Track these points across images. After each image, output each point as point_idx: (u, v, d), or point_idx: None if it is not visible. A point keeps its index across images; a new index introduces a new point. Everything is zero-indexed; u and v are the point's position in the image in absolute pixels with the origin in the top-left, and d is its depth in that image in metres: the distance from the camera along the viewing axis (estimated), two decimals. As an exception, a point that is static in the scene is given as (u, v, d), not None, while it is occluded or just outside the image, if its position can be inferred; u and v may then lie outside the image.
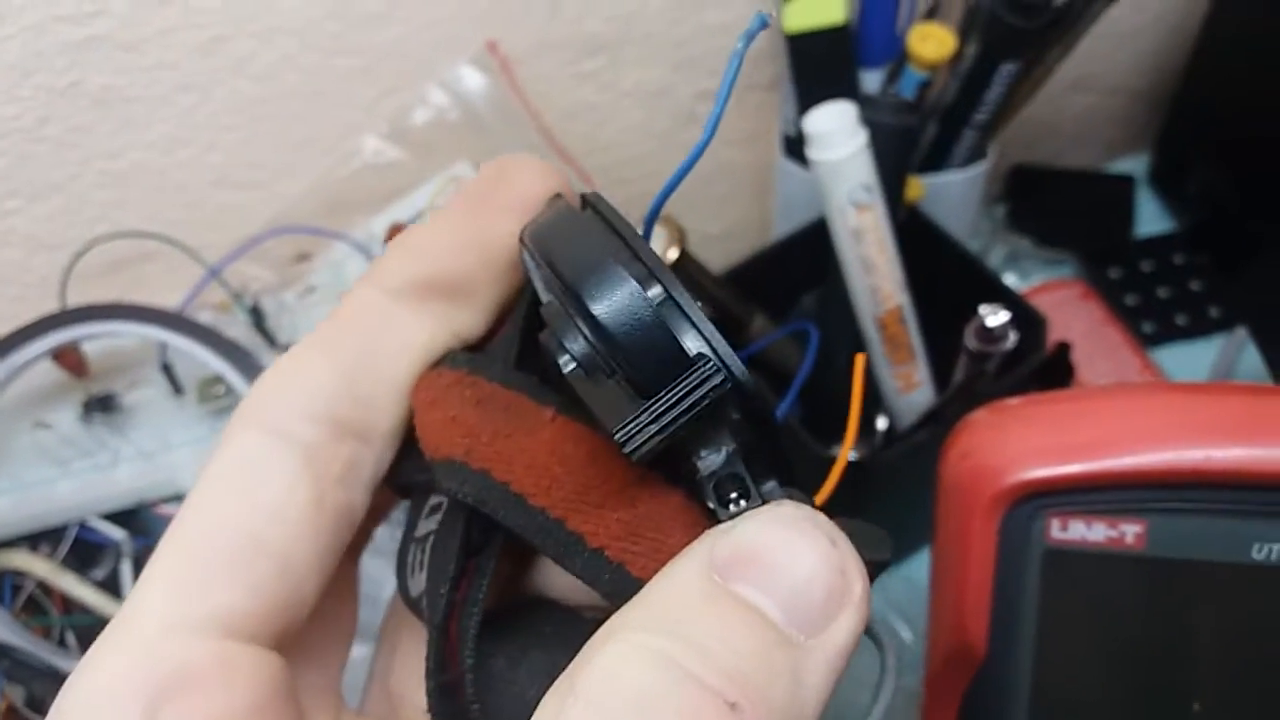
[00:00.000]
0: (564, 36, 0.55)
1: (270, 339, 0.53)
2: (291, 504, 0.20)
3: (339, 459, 0.21)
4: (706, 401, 0.18)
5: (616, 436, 0.18)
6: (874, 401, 0.52)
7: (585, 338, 0.19)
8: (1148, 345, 0.63)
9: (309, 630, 0.22)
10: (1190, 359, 0.63)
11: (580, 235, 0.19)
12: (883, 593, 0.51)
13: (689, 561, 0.18)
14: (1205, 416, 0.31)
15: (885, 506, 0.48)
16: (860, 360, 0.21)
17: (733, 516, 0.19)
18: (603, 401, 0.19)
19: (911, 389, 0.51)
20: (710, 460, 0.19)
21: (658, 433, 0.18)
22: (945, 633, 0.33)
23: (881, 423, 0.53)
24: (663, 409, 0.18)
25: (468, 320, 0.23)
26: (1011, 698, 0.32)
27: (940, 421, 0.47)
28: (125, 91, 0.50)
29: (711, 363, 0.18)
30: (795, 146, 0.57)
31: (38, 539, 0.50)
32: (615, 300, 0.18)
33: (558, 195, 0.23)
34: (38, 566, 0.49)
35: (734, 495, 0.19)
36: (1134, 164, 0.73)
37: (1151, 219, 0.70)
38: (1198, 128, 0.68)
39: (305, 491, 0.21)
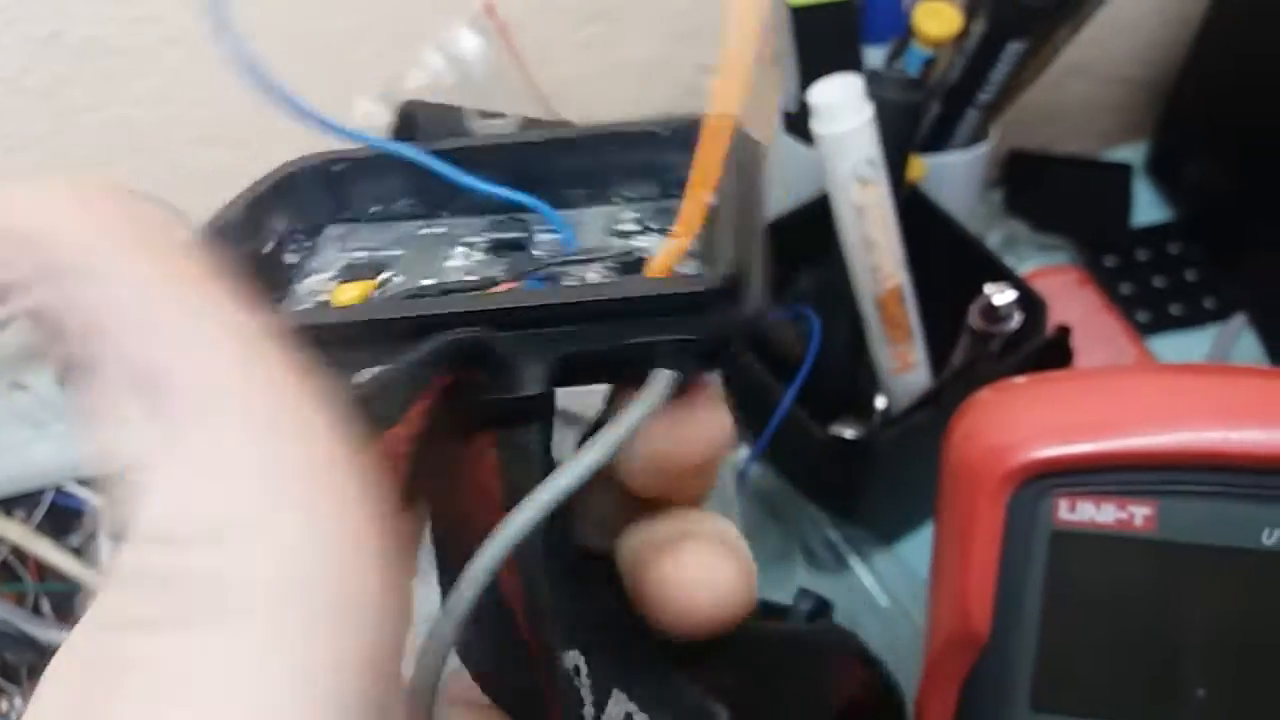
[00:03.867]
0: (565, 1, 0.54)
1: (255, 304, 0.52)
2: None
3: None
4: None
5: None
6: (872, 380, 0.52)
7: None
8: (1142, 333, 0.63)
9: None
10: (1184, 348, 0.63)
11: None
12: (873, 575, 0.51)
13: None
14: (1219, 398, 0.31)
15: (883, 487, 0.48)
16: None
17: None
18: None
19: (907, 369, 0.50)
20: None
21: None
22: (947, 615, 0.33)
23: (880, 402, 0.52)
24: None
25: None
26: (1014, 681, 0.31)
27: (940, 402, 0.46)
28: (109, 43, 0.49)
29: None
30: (795, 123, 0.56)
31: (12, 503, 0.49)
32: None
33: None
34: (12, 531, 0.48)
35: None
36: (1131, 153, 0.73)
37: (1148, 208, 0.70)
38: (1196, 118, 0.68)
39: None
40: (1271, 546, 0.29)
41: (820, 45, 0.53)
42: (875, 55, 0.54)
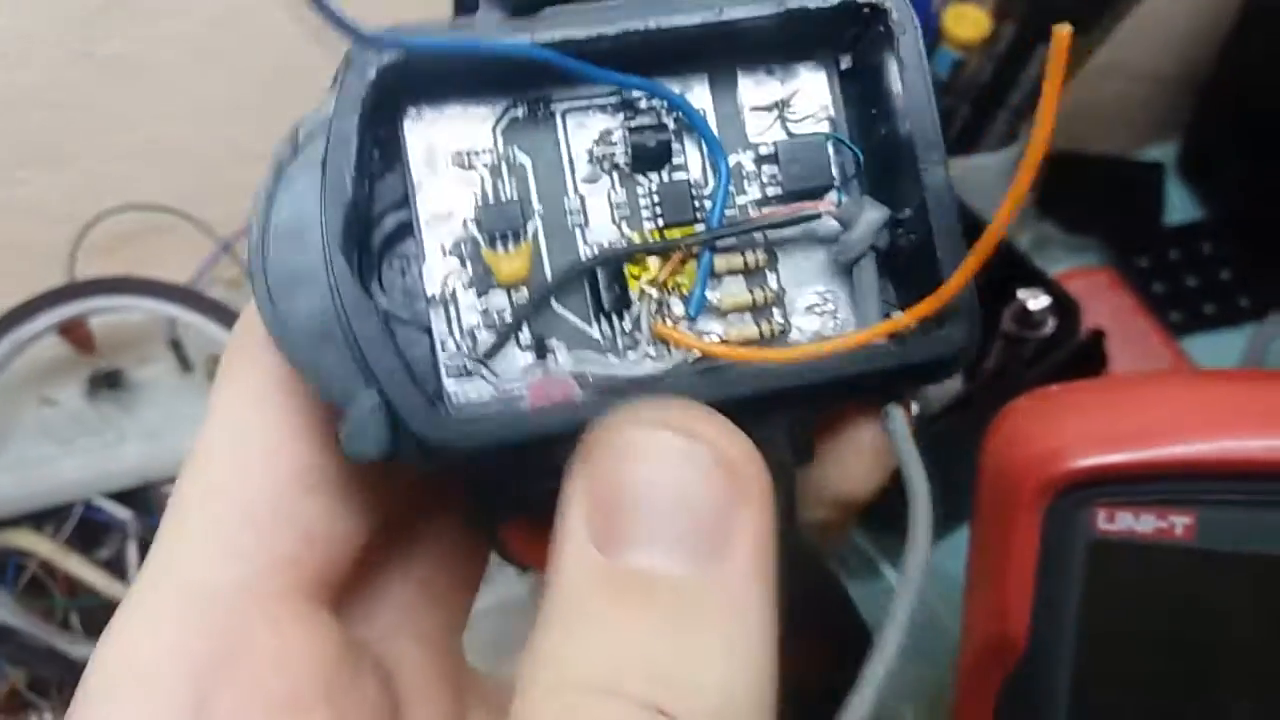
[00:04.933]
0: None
1: (282, 316, 0.52)
2: (330, 423, 0.17)
3: None
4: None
5: None
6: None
7: None
8: (1175, 334, 0.62)
9: (404, 575, 0.19)
10: (1219, 348, 0.62)
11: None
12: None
13: (571, 546, 0.15)
14: (1260, 405, 0.30)
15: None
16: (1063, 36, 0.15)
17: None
18: None
19: (939, 375, 0.50)
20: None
21: None
22: (983, 625, 0.32)
23: (914, 407, 0.52)
24: None
25: None
26: (1051, 692, 0.31)
27: (973, 406, 0.46)
28: (139, 60, 0.49)
29: None
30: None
31: (41, 518, 0.49)
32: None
33: None
34: (41, 546, 0.48)
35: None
36: (1162, 152, 0.72)
37: (1180, 207, 0.69)
38: (1227, 116, 0.67)
39: None
40: (1315, 556, 0.29)
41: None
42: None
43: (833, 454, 0.20)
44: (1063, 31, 0.14)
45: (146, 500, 0.50)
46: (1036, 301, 0.41)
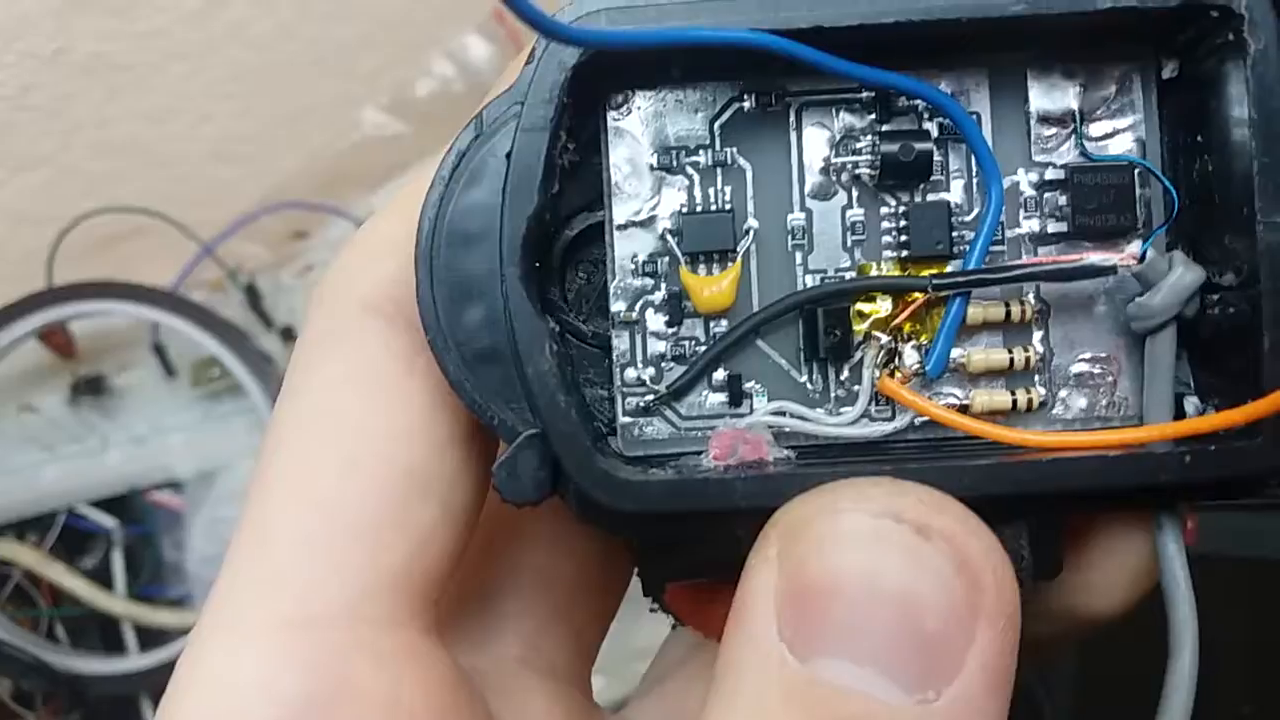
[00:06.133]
0: (574, 6, 0.53)
1: (266, 319, 0.51)
2: (442, 416, 0.15)
3: None
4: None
5: None
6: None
7: None
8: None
9: (529, 598, 0.17)
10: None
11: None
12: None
13: (754, 638, 0.13)
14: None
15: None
16: None
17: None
18: None
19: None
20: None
21: None
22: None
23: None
24: None
25: None
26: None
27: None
28: (115, 59, 0.48)
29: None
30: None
31: (24, 527, 0.48)
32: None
33: None
34: (24, 555, 0.47)
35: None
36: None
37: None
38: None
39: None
40: (1317, 559, 0.29)
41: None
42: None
43: (1078, 563, 0.16)
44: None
45: (131, 508, 0.49)
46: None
